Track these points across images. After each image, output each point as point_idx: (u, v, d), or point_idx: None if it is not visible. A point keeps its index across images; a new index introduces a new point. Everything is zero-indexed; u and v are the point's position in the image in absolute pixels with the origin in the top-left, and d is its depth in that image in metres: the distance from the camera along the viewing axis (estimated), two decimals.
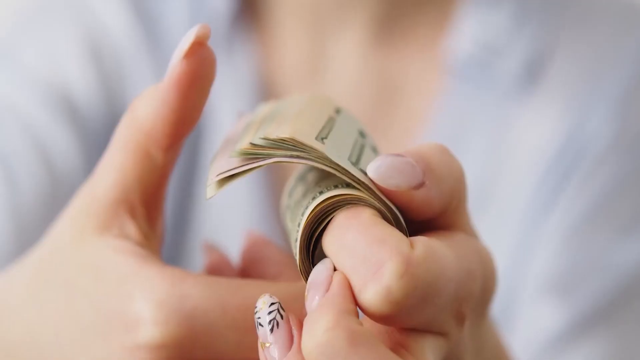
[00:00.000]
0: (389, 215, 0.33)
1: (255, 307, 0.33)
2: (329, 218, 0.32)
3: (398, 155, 0.33)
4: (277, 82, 0.71)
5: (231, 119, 0.70)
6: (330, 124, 0.35)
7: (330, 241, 0.32)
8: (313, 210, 0.32)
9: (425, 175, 0.33)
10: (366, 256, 0.30)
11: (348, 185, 0.33)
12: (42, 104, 0.68)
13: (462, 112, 0.69)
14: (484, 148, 0.69)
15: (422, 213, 0.33)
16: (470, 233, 0.36)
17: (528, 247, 0.67)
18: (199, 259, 0.68)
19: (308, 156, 0.32)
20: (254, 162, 0.32)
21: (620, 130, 0.67)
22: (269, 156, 0.32)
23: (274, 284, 0.36)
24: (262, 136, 0.32)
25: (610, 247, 0.65)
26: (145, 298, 0.34)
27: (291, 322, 0.32)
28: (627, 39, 0.70)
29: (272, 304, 0.32)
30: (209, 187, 0.33)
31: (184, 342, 0.34)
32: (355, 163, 0.33)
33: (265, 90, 0.71)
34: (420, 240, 0.31)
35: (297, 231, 0.33)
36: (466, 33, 0.69)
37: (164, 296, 0.34)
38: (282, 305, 0.33)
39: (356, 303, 0.31)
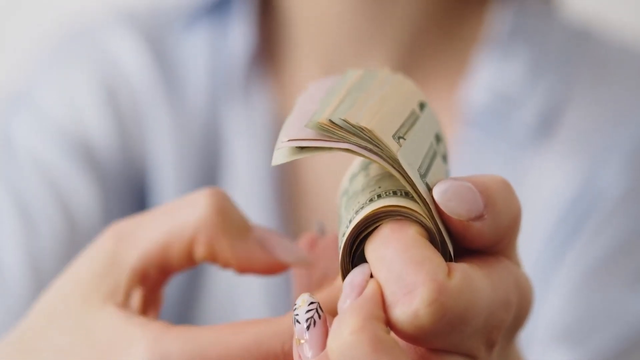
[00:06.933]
0: (436, 237, 0.33)
1: (294, 305, 0.33)
2: (378, 224, 0.32)
3: (465, 181, 0.33)
4: None
5: (246, 161, 0.70)
6: (411, 119, 0.35)
7: (372, 249, 0.32)
8: (365, 215, 0.32)
9: (486, 208, 0.33)
10: (401, 275, 0.31)
11: (407, 194, 0.33)
12: (60, 150, 0.69)
13: (477, 161, 0.69)
14: None
15: (472, 243, 0.34)
16: (515, 261, 0.35)
17: (539, 294, 0.66)
18: (210, 314, 0.68)
19: (380, 153, 0.32)
20: (328, 142, 0.32)
21: (632, 182, 0.67)
22: (343, 139, 0.32)
23: (253, 325, 0.36)
24: (343, 117, 0.32)
25: (621, 298, 0.64)
26: None
27: (328, 325, 0.32)
28: None
29: (312, 302, 0.33)
30: (278, 151, 0.33)
31: None
32: (424, 175, 0.33)
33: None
34: (459, 269, 0.31)
35: (347, 226, 0.33)
36: (481, 83, 0.70)
37: (148, 357, 0.35)
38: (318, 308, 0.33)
39: (385, 315, 0.31)
